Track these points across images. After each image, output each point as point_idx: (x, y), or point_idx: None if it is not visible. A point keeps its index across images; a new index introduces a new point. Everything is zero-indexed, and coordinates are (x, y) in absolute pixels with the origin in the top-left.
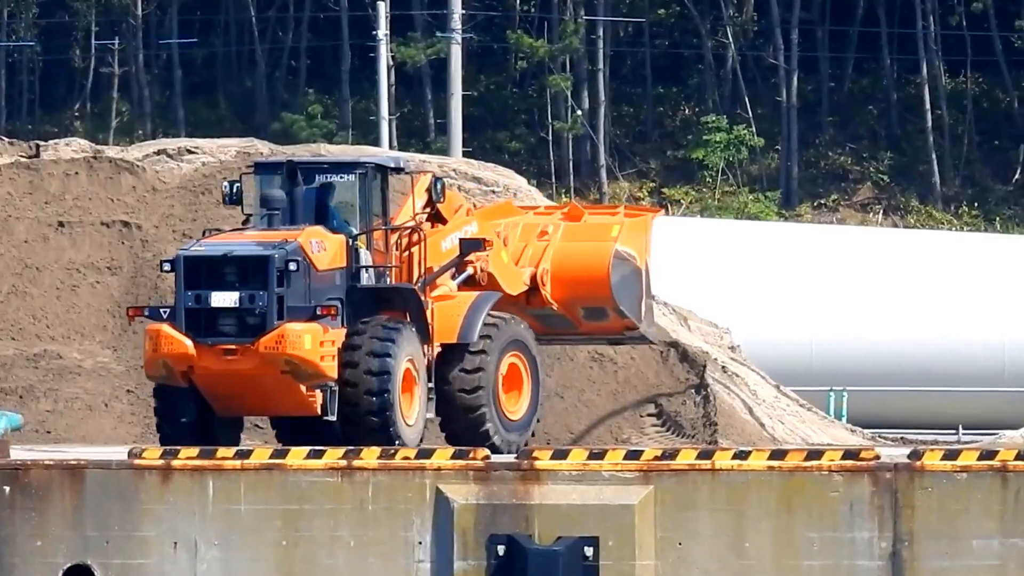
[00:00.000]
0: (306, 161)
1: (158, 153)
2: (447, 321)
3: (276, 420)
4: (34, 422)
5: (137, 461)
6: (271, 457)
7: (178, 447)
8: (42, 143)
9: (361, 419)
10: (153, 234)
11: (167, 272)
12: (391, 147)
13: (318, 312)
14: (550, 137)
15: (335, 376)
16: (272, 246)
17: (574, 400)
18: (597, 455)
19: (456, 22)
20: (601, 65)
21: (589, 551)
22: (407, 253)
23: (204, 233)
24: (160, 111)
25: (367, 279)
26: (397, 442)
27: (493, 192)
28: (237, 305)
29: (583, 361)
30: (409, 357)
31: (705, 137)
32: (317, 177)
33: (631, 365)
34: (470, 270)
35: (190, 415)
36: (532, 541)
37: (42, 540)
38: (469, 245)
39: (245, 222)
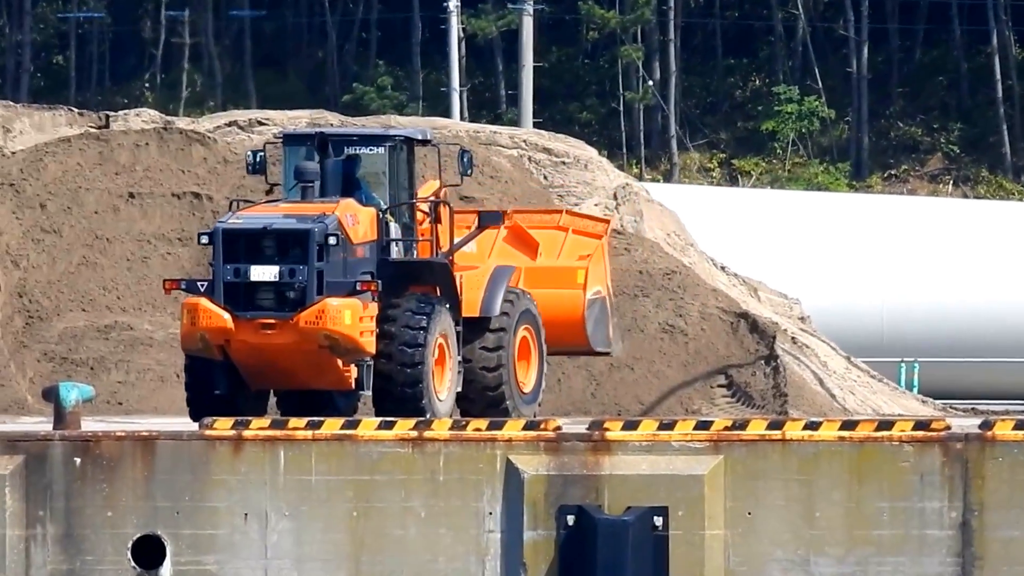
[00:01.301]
0: (336, 132)
1: (229, 124)
2: (468, 295)
3: (283, 390)
4: (105, 393)
5: (208, 432)
6: (342, 428)
7: (249, 418)
8: (112, 114)
9: (395, 392)
10: (224, 206)
11: (204, 245)
12: (462, 119)
13: (358, 287)
14: (621, 108)
15: (373, 351)
16: (311, 219)
17: (644, 371)
18: (667, 426)
19: None
20: (672, 36)
21: (659, 521)
22: (427, 226)
23: (235, 204)
24: (230, 83)
25: (396, 253)
26: (428, 415)
27: (563, 163)
28: (277, 279)
29: (653, 332)
30: (442, 332)
31: (776, 108)
32: (346, 149)
33: (701, 336)
34: None
35: (223, 388)
36: (602, 511)
37: (113, 511)
38: (488, 218)
39: (268, 192)
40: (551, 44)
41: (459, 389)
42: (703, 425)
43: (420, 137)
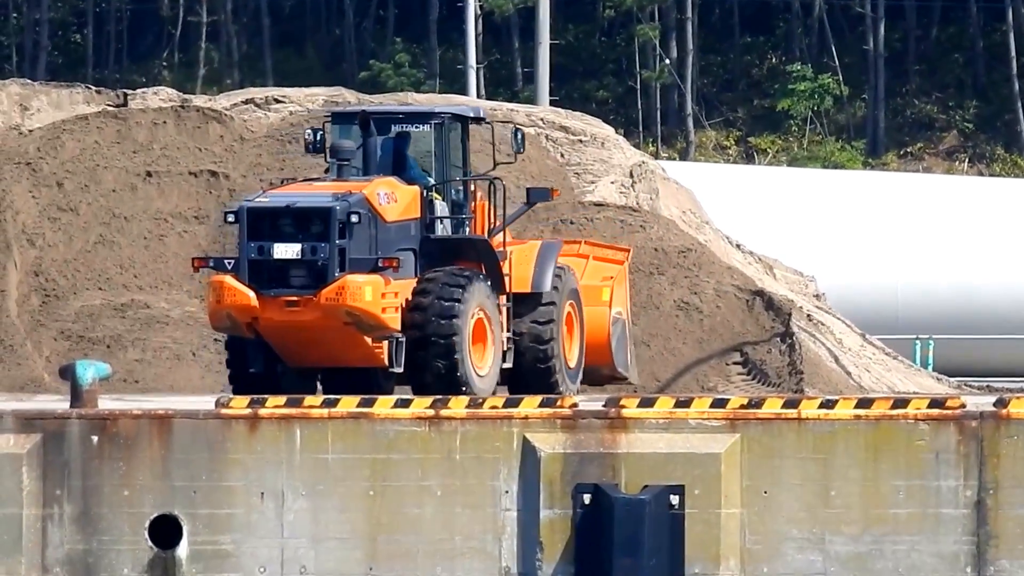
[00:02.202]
0: (382, 111)
1: (246, 102)
2: (517, 271)
3: (327, 370)
4: (122, 372)
5: (224, 411)
6: (358, 406)
7: (265, 396)
8: (129, 92)
9: (429, 365)
10: (241, 183)
11: (231, 223)
12: (478, 96)
13: (380, 264)
14: (638, 86)
15: (398, 328)
16: (336, 197)
17: (660, 349)
18: (683, 403)
19: None
20: (689, 14)
21: (675, 499)
22: (482, 204)
23: (283, 183)
24: (248, 61)
25: (442, 230)
26: (465, 390)
27: (580, 141)
28: (299, 257)
29: (669, 310)
30: (480, 306)
31: (791, 86)
32: (393, 127)
33: (717, 314)
34: None
35: (258, 366)
36: (618, 490)
37: (129, 490)
38: (536, 194)
39: (327, 171)
40: (568, 22)
41: (507, 365)
42: (719, 403)
43: (472, 114)
